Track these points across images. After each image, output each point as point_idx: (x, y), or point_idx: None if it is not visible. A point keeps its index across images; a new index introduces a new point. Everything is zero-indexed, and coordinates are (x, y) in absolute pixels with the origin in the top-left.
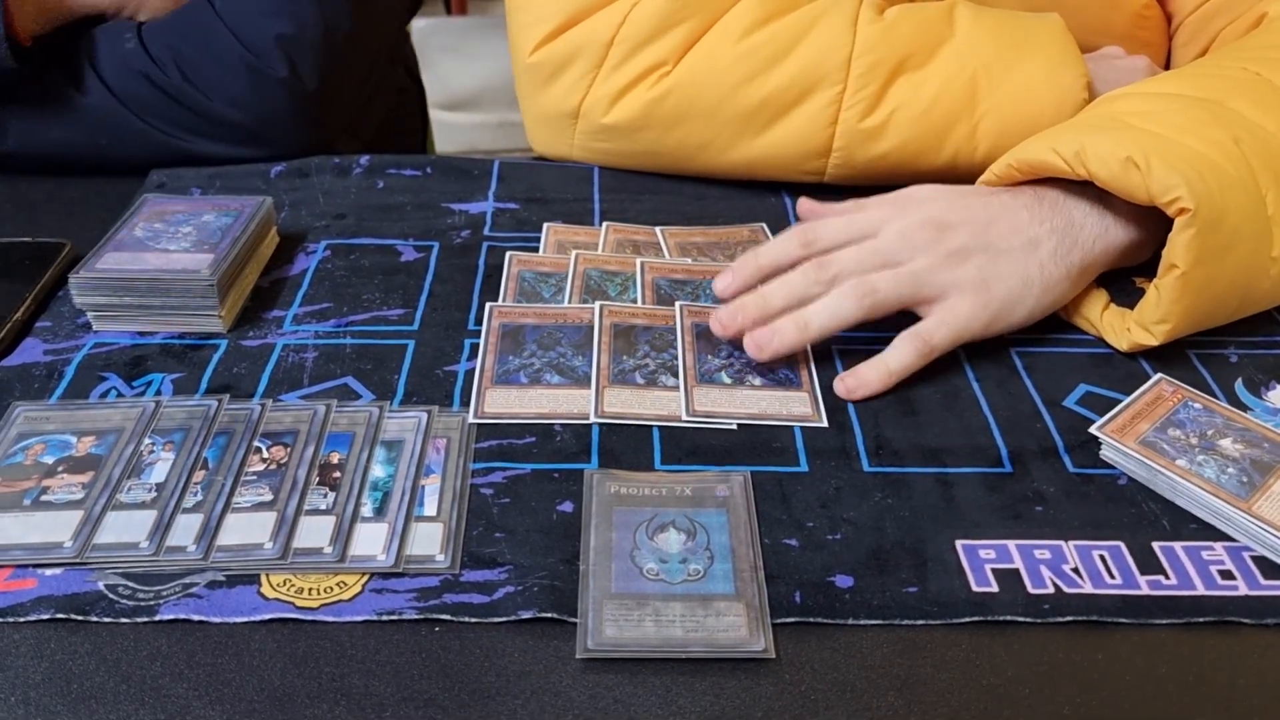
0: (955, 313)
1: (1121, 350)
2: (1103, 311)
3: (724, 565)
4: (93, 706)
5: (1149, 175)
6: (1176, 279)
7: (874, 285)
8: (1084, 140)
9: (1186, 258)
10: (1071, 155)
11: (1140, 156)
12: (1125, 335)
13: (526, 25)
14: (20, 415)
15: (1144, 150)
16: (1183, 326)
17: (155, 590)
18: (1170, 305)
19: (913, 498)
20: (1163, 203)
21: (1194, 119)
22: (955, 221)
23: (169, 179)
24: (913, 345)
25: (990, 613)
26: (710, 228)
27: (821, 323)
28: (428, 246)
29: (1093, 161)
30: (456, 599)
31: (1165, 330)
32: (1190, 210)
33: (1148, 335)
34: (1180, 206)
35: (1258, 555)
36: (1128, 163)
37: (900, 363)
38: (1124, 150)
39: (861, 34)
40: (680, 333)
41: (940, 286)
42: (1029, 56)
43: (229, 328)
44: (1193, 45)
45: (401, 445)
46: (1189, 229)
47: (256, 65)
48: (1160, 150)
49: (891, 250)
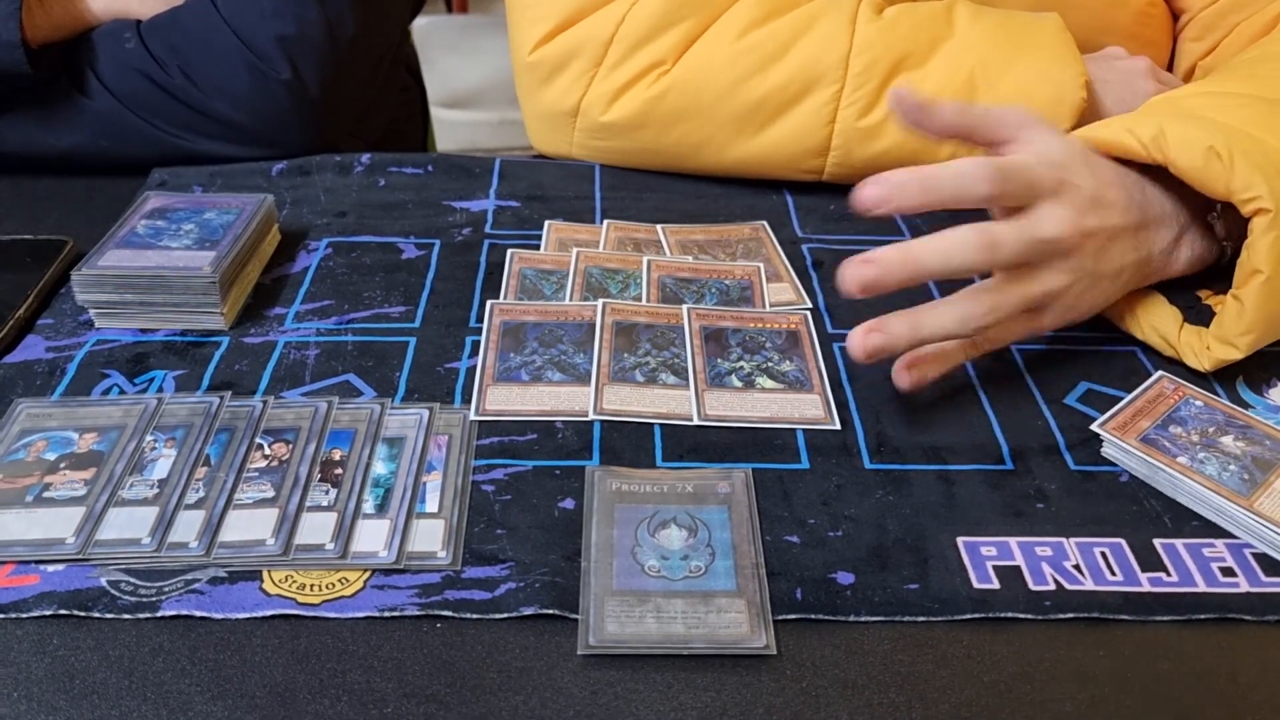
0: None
1: (1204, 370)
2: (1179, 331)
3: (725, 562)
4: (95, 702)
5: (1231, 168)
6: (1262, 285)
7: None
8: (1164, 125)
9: (1270, 262)
10: (1150, 139)
11: (1223, 147)
12: (1206, 354)
13: (526, 24)
14: (22, 412)
15: (1227, 143)
16: (1267, 335)
17: (157, 586)
18: (1255, 313)
19: (914, 495)
20: (1240, 199)
21: (1263, 116)
22: (1092, 230)
23: (170, 177)
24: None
25: (991, 609)
26: (711, 225)
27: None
28: (429, 244)
29: (1173, 147)
30: (458, 595)
31: (1249, 341)
32: (1270, 211)
33: (1231, 349)
34: (1258, 206)
35: (1259, 552)
36: (1210, 152)
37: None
38: (1208, 139)
39: (860, 33)
40: (689, 335)
41: (1041, 302)
42: (1027, 55)
43: (231, 325)
44: (1203, 41)
45: (403, 442)
46: (1271, 231)
47: (258, 66)
48: (1243, 145)
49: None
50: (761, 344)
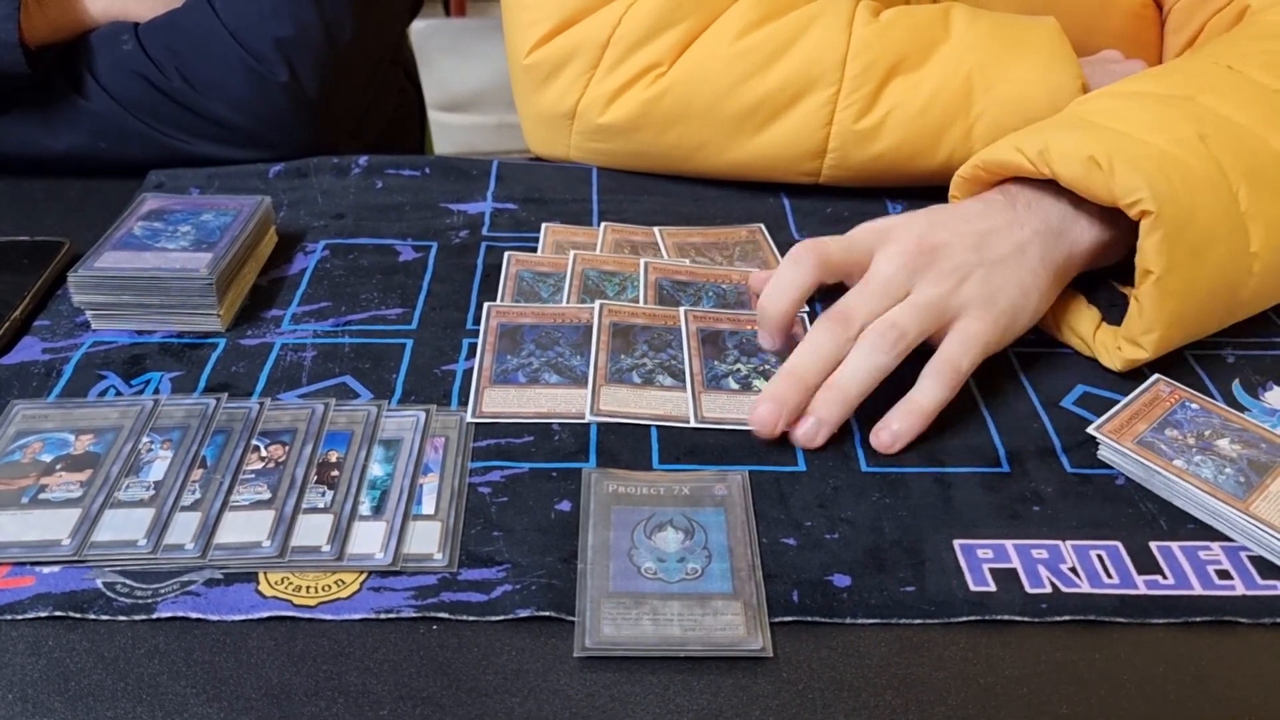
0: (971, 332)
1: (1116, 370)
2: (1095, 331)
3: (722, 564)
4: (90, 704)
5: (1111, 176)
6: (1154, 284)
7: (897, 324)
8: (1048, 139)
9: (1159, 261)
10: (1036, 154)
11: (1103, 156)
12: (1117, 354)
13: (523, 26)
14: (18, 413)
15: (1107, 150)
16: (1173, 335)
17: (153, 588)
18: (1154, 313)
19: (910, 497)
20: (1124, 204)
21: (1161, 117)
22: (943, 241)
23: (168, 179)
24: (942, 376)
25: (988, 612)
26: (709, 228)
27: (860, 387)
28: (426, 246)
29: (1056, 161)
30: (454, 597)
31: (1154, 340)
32: (1153, 213)
33: (1138, 349)
34: (1142, 209)
35: (1255, 555)
36: (1090, 162)
37: (934, 400)
38: (1086, 149)
39: (857, 35)
40: (685, 338)
41: (953, 309)
42: (1024, 58)
43: (227, 327)
44: (1182, 33)
45: (400, 444)
46: (1155, 232)
47: (256, 68)
48: (1124, 150)
49: (895, 283)
50: (759, 347)
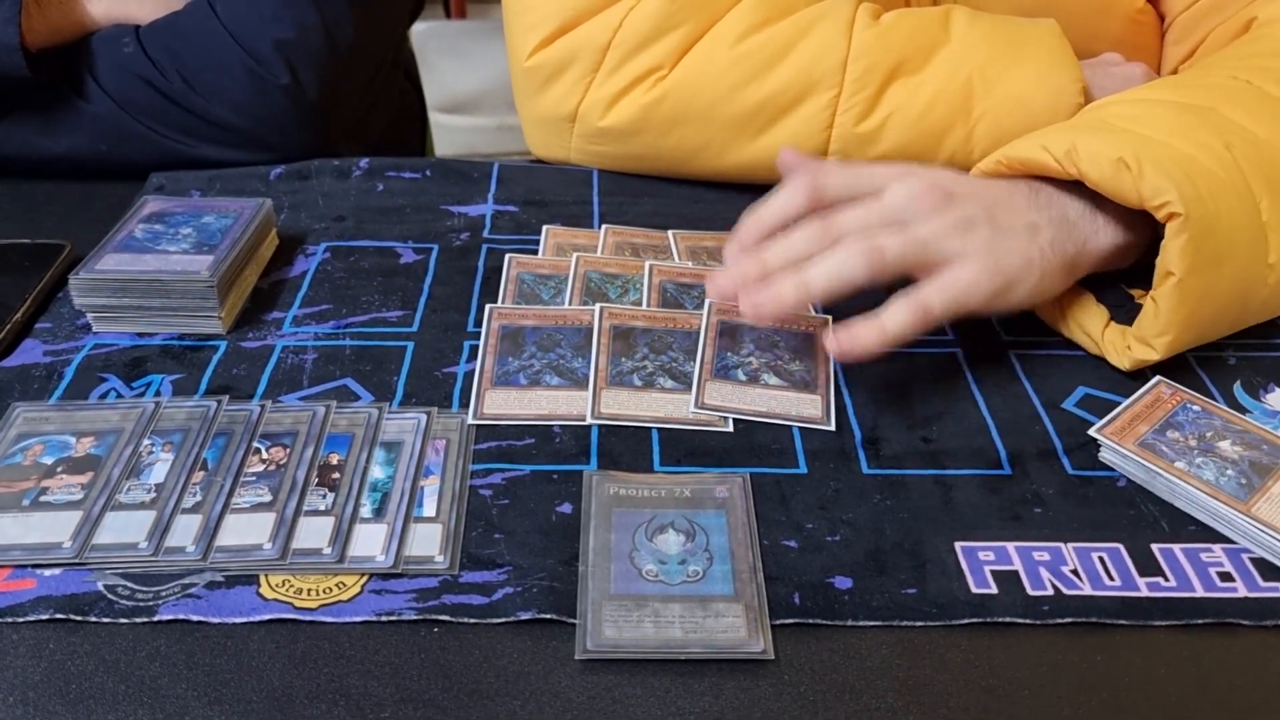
0: (958, 280)
1: (1124, 369)
2: (1104, 329)
3: (723, 566)
4: (91, 707)
5: (1140, 177)
6: (1174, 287)
7: (881, 246)
8: (1075, 139)
9: (1181, 264)
10: (1063, 154)
11: (1132, 158)
12: (1126, 353)
13: (524, 29)
14: (19, 416)
15: (1136, 152)
16: (1184, 338)
17: (154, 591)
18: (1170, 315)
19: (911, 499)
20: (1153, 206)
21: (1185, 124)
22: (962, 193)
23: (168, 181)
24: (910, 309)
25: (989, 614)
26: (722, 232)
27: (825, 282)
28: (427, 249)
29: (1084, 161)
30: (455, 600)
31: (1166, 343)
32: (1181, 215)
33: (1148, 350)
34: (1170, 211)
35: (1256, 557)
36: (1119, 164)
37: (897, 326)
38: (1116, 151)
39: (857, 38)
40: (705, 329)
41: (946, 253)
42: (1024, 60)
43: (228, 329)
44: (1183, 45)
45: (401, 446)
46: (1181, 235)
47: (257, 71)
48: (1152, 153)
49: (898, 211)
50: (775, 342)
